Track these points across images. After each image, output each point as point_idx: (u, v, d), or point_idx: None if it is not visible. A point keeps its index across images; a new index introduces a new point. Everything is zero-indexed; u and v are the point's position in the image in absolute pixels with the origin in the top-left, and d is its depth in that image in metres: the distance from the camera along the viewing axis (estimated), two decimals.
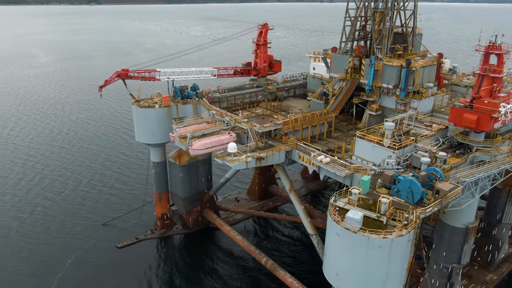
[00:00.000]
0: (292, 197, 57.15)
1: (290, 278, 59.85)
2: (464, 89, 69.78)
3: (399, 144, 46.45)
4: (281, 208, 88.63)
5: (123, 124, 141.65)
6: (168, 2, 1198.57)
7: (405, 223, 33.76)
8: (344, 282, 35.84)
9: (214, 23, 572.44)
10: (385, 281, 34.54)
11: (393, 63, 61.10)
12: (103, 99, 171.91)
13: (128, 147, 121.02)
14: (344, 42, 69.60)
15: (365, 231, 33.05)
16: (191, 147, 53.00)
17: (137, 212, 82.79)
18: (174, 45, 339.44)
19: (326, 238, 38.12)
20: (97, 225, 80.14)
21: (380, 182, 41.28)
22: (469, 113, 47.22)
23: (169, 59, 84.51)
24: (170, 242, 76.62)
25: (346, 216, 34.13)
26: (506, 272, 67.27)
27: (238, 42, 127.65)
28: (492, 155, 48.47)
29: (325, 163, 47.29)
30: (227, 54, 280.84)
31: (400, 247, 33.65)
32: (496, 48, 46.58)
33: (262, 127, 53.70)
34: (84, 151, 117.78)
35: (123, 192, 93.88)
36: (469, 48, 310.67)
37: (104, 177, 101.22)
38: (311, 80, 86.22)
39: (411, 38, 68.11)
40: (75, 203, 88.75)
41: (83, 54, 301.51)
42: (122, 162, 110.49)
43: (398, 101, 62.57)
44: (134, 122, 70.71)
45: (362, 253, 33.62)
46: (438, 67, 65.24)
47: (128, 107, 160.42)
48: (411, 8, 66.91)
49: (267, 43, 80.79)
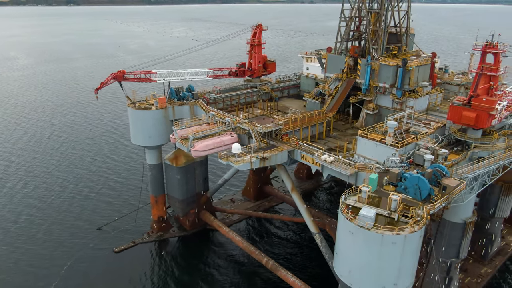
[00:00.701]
0: (295, 196, 57.44)
1: (292, 277, 60.13)
2: (456, 88, 71.54)
3: (401, 142, 47.24)
4: (277, 208, 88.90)
5: (111, 126, 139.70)
6: (149, 3, 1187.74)
7: (418, 219, 34.42)
8: (357, 279, 36.30)
9: (197, 24, 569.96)
10: (398, 276, 35.17)
11: (389, 62, 62.14)
12: (88, 102, 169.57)
13: (117, 150, 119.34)
14: (339, 42, 70.33)
15: (379, 228, 33.58)
16: (193, 148, 52.67)
17: (132, 216, 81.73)
18: (158, 47, 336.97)
19: (338, 237, 38.50)
20: (91, 231, 78.68)
21: (387, 179, 41.95)
22: (468, 111, 48.47)
23: (162, 61, 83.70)
24: (167, 245, 75.92)
25: (360, 213, 34.60)
26: (499, 265, 69.23)
27: (225, 43, 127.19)
28: (489, 152, 49.82)
29: (329, 162, 47.72)
30: (213, 56, 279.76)
31: (412, 242, 34.33)
32: (493, 47, 47.93)
33: (264, 127, 53.82)
34: (69, 156, 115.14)
35: (116, 196, 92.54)
36: (449, 48, 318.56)
37: (94, 182, 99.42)
38: (305, 80, 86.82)
39: (405, 38, 69.36)
40: (65, 210, 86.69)
41: (64, 56, 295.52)
42: (112, 165, 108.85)
43: (394, 100, 63.67)
44: (130, 124, 69.76)
45: (376, 250, 34.15)
46: (431, 66, 66.70)
47: (117, 109, 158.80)
48: (405, 9, 68.17)
49: (261, 43, 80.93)
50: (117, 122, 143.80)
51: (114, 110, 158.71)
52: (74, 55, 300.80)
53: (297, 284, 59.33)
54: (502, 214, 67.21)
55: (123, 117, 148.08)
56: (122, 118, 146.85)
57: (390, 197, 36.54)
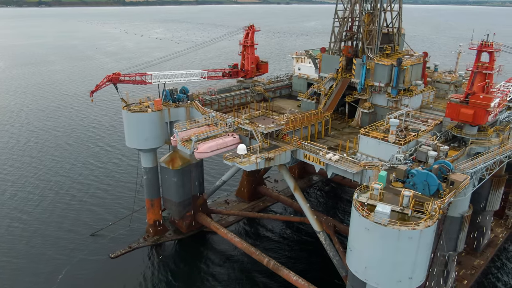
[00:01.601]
0: (297, 196, 57.85)
1: (295, 276, 60.47)
2: (446, 86, 73.75)
3: (404, 139, 48.34)
4: (272, 208, 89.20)
5: (100, 130, 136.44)
6: (123, 4, 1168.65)
7: (433, 214, 35.37)
8: (373, 274, 36.95)
9: (174, 26, 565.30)
10: (413, 270, 36.03)
11: (385, 62, 63.46)
12: (71, 105, 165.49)
13: (107, 153, 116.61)
14: (333, 42, 71.31)
15: (396, 223, 34.32)
16: (197, 150, 52.35)
17: (127, 220, 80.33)
18: (136, 48, 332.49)
19: (352, 234, 39.08)
20: (84, 237, 76.77)
21: (394, 176, 42.85)
22: (465, 108, 50.07)
23: (152, 64, 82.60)
24: (164, 249, 75.00)
25: (376, 210, 35.23)
26: (490, 256, 71.71)
27: (212, 44, 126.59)
28: (486, 147, 51.63)
29: (334, 161, 48.36)
30: (202, 57, 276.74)
31: (427, 237, 35.26)
32: (488, 46, 49.73)
33: (267, 127, 54.01)
34: (57, 162, 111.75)
35: (109, 200, 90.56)
36: (425, 48, 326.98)
37: (85, 187, 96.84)
38: (297, 80, 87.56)
39: (397, 38, 71.00)
40: (56, 216, 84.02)
41: (40, 59, 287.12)
42: (103, 169, 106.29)
43: (389, 99, 65.05)
44: (125, 127, 68.56)
45: (392, 245, 34.88)
46: (423, 66, 68.54)
47: (107, 111, 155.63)
48: (396, 10, 69.75)
49: (254, 44, 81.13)
50: (107, 125, 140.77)
51: (101, 113, 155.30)
52: (50, 57, 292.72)
53: (300, 283, 59.71)
54: (493, 207, 69.61)
55: (113, 120, 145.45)
56: (112, 121, 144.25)
57: (402, 193, 37.36)
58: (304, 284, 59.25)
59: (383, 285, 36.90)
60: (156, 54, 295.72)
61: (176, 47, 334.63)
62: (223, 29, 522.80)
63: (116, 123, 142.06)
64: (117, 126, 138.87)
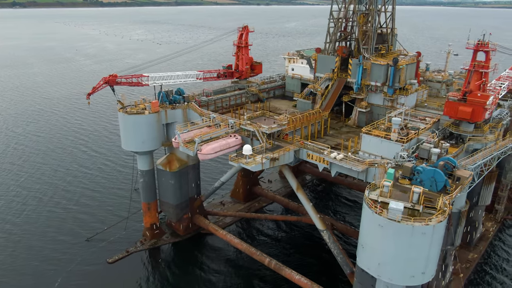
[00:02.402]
0: (300, 195, 58.23)
1: (298, 275, 60.75)
2: (438, 85, 75.58)
3: (406, 137, 49.30)
4: (267, 209, 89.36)
5: (91, 132, 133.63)
6: (101, 5, 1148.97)
7: (445, 209, 36.24)
8: (386, 270, 37.56)
9: (155, 27, 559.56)
10: (426, 265, 36.83)
11: (381, 62, 64.55)
12: (51, 109, 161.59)
13: (91, 158, 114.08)
14: (329, 43, 72.08)
15: (410, 219, 35.00)
16: (200, 152, 52.05)
17: (122, 225, 79.06)
18: (118, 50, 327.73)
19: (363, 231, 39.62)
20: (79, 243, 75.10)
21: (400, 173, 43.66)
22: (464, 106, 51.47)
23: (147, 66, 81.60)
24: (162, 252, 74.16)
25: (390, 207, 35.83)
26: (483, 250, 73.78)
27: (199, 45, 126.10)
28: (483, 143, 53.20)
29: (339, 160, 48.91)
30: (192, 58, 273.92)
31: (439, 232, 36.11)
32: (485, 46, 51.27)
33: (270, 128, 54.16)
34: (38, 167, 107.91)
35: (103, 205, 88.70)
36: None
37: (78, 192, 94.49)
38: (290, 80, 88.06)
39: (390, 38, 72.32)
40: (49, 222, 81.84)
41: (18, 61, 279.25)
42: (95, 174, 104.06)
43: (386, 98, 66.20)
44: (121, 130, 67.51)
45: (406, 241, 35.56)
46: (417, 65, 70.06)
47: (87, 114, 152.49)
48: (390, 11, 71.04)
49: (248, 45, 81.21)
50: (92, 129, 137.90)
51: (86, 116, 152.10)
52: (29, 60, 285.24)
53: (303, 281, 60.04)
54: (484, 202, 71.66)
55: (97, 124, 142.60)
56: (96, 125, 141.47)
57: (412, 189, 38.13)
58: (307, 283, 59.61)
59: (396, 280, 37.59)
60: (139, 55, 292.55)
61: (158, 49, 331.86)
62: (205, 30, 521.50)
63: (101, 126, 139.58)
64: (103, 129, 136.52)
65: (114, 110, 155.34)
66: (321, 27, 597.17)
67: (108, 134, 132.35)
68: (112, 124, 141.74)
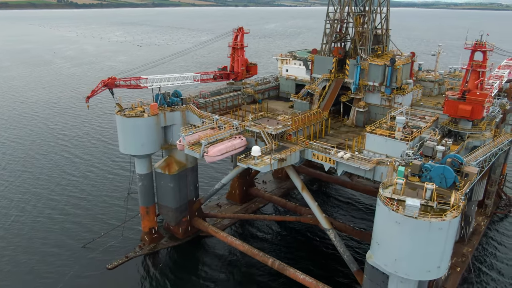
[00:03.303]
0: (305, 195, 58.65)
1: (302, 274, 61.08)
2: (430, 84, 77.61)
3: (411, 136, 50.45)
4: (263, 209, 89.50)
5: (68, 137, 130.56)
6: (76, 6, 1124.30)
7: (460, 204, 37.32)
8: (403, 266, 38.33)
9: (134, 29, 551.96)
10: (441, 259, 37.82)
11: (378, 62, 65.81)
12: (34, 113, 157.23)
13: (74, 164, 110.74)
14: (325, 44, 72.96)
15: (427, 215, 35.91)
16: (207, 154, 51.80)
17: (118, 230, 77.63)
18: (97, 52, 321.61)
19: (379, 229, 40.34)
20: (76, 249, 73.25)
21: (409, 171, 44.64)
22: (463, 104, 53.07)
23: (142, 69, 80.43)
24: (162, 256, 73.24)
25: (407, 204, 36.62)
26: (476, 243, 76.12)
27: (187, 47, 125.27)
28: (481, 141, 54.99)
29: (347, 159, 49.62)
30: (182, 61, 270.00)
31: (454, 226, 37.14)
32: (482, 46, 53.05)
33: (276, 128, 54.41)
34: (21, 174, 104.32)
35: (98, 210, 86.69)
36: None
37: (62, 200, 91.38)
38: (284, 81, 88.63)
39: (385, 39, 73.82)
40: (43, 230, 79.43)
41: None
42: (89, 178, 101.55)
43: (383, 97, 67.50)
44: (120, 133, 66.38)
45: (423, 237, 36.42)
46: (411, 65, 71.77)
47: (72, 118, 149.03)
48: (384, 12, 72.54)
49: (244, 46, 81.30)
50: (76, 134, 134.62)
51: (71, 120, 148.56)
52: (3, 63, 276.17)
53: (307, 281, 60.42)
54: (477, 197, 74.09)
55: (79, 129, 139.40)
56: (78, 130, 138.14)
57: (425, 186, 39.09)
58: (312, 282, 60.02)
59: (413, 275, 38.46)
60: (120, 58, 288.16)
61: (139, 51, 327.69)
62: (184, 31, 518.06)
63: (84, 131, 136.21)
64: (85, 134, 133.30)
65: (97, 114, 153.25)
66: (299, 28, 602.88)
67: (91, 139, 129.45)
68: (96, 128, 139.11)
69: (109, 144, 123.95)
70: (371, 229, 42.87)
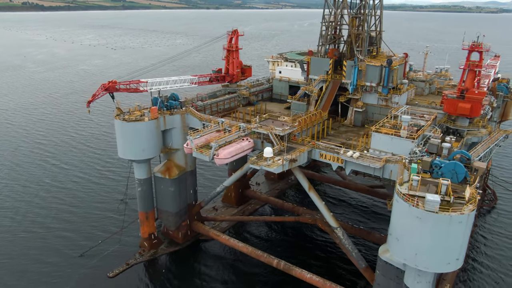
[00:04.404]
0: (312, 195, 59.30)
1: (309, 274, 61.75)
2: (422, 84, 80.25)
3: (416, 134, 52.07)
4: (260, 211, 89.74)
5: (51, 143, 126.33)
6: (42, 9, 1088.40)
7: (478, 198, 38.95)
8: (424, 259, 39.58)
9: (105, 31, 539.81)
10: (460, 252, 39.34)
11: (375, 63, 67.54)
12: (6, 120, 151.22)
13: (64, 171, 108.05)
14: (322, 45, 74.18)
15: (448, 210, 37.29)
16: (218, 156, 51.66)
17: (117, 237, 75.97)
18: (70, 56, 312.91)
19: (398, 225, 41.46)
20: (73, 259, 71.09)
21: (420, 168, 46.11)
22: (463, 103, 55.32)
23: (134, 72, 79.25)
24: (164, 262, 72.18)
25: (427, 200, 37.90)
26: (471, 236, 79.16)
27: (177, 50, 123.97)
28: (479, 137, 57.45)
29: (356, 158, 50.70)
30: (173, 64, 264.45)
31: (471, 220, 38.72)
32: (479, 47, 55.51)
33: (284, 130, 54.88)
34: (7, 184, 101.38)
35: (94, 217, 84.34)
36: None
37: (65, 205, 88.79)
38: (278, 83, 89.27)
39: (378, 41, 75.84)
40: (37, 239, 76.53)
41: None
42: (81, 185, 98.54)
43: (380, 97, 69.27)
44: (119, 138, 65.04)
45: (444, 230, 37.78)
46: (405, 66, 74.03)
47: (52, 124, 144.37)
48: (378, 14, 74.53)
49: (239, 49, 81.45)
50: (55, 141, 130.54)
51: (51, 126, 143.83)
52: None
53: (314, 279, 61.12)
54: None
55: (68, 133, 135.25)
56: (58, 136, 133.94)
57: (440, 182, 40.54)
58: (319, 281, 60.76)
59: (433, 268, 39.82)
60: (95, 61, 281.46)
61: (113, 54, 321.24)
62: (158, 34, 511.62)
63: (68, 137, 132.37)
64: (70, 140, 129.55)
65: (77, 119, 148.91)
66: (273, 30, 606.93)
67: (77, 144, 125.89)
68: (81, 133, 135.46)
69: (97, 149, 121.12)
70: (367, 227, 43.96)
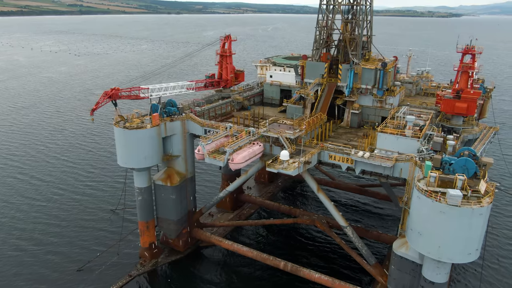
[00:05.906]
0: (321, 196, 60.49)
1: (317, 274, 62.81)
2: (410, 85, 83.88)
3: (420, 133, 54.60)
4: (256, 214, 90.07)
5: (34, 151, 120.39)
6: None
7: (496, 191, 41.49)
8: (447, 252, 41.62)
9: (65, 37, 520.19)
10: (479, 242, 41.76)
11: (370, 66, 70.06)
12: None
13: (46, 184, 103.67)
14: (316, 49, 75.93)
15: (470, 203, 39.54)
16: (233, 161, 51.72)
17: (115, 248, 73.77)
18: (31, 63, 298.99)
19: (420, 219, 43.27)
20: (71, 273, 68.30)
21: None
22: (459, 102, 58.58)
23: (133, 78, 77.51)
24: (166, 271, 70.83)
25: (450, 195, 39.97)
26: None
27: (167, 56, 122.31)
28: (473, 134, 61.01)
29: (367, 158, 52.43)
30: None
31: (489, 212, 41.21)
32: (472, 50, 59.10)
33: (294, 133, 55.76)
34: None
35: (91, 229, 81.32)
36: None
37: (60, 217, 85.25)
38: (269, 87, 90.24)
39: (368, 45, 78.65)
40: (33, 254, 73.14)
41: None
42: (73, 196, 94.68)
43: (375, 99, 71.85)
44: (120, 146, 63.46)
45: (467, 223, 39.95)
46: (395, 69, 77.23)
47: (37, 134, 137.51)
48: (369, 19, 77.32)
49: (232, 54, 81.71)
50: (53, 148, 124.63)
51: (37, 135, 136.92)
52: None
53: (323, 279, 62.23)
54: None
55: (51, 142, 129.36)
56: (48, 143, 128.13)
57: (456, 177, 42.85)
58: (328, 280, 61.93)
59: (456, 259, 42.01)
60: (60, 69, 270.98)
61: (77, 60, 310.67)
62: (122, 40, 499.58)
63: (44, 149, 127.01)
64: (46, 151, 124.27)
65: (51, 129, 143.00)
66: (238, 35, 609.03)
67: (56, 155, 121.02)
68: (56, 145, 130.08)
69: (81, 160, 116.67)
70: (363, 225, 45.42)
